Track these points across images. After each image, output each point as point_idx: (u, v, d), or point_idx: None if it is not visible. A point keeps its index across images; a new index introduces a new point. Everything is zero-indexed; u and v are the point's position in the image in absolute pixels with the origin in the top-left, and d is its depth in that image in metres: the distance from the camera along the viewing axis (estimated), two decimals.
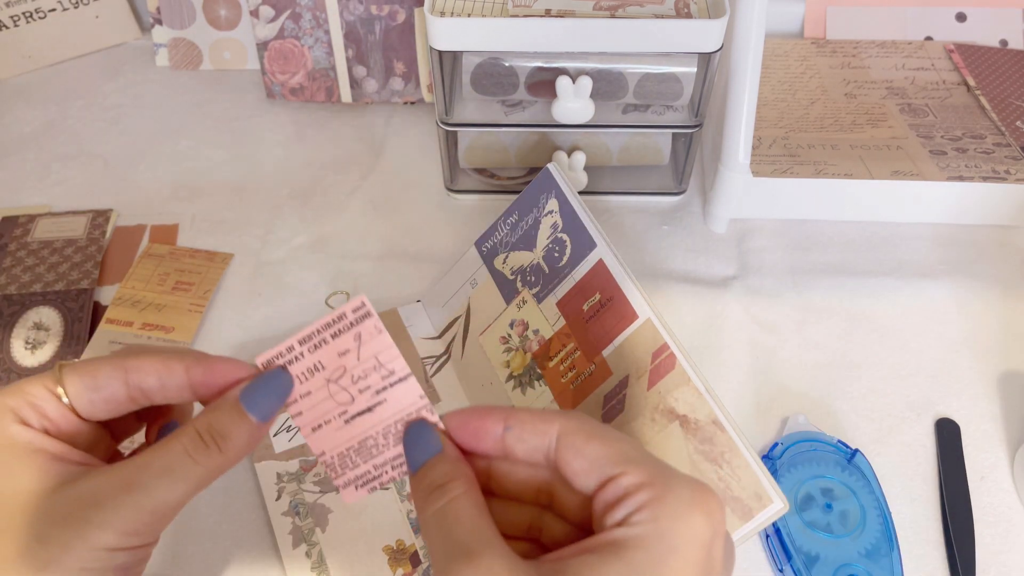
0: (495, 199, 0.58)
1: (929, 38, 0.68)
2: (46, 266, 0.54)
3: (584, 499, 0.27)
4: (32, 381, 0.30)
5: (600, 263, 0.43)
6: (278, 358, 0.30)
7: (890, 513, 0.41)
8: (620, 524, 0.25)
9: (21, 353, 0.49)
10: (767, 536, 0.41)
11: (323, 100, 0.65)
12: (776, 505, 0.35)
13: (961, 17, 0.68)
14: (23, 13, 0.68)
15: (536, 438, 0.27)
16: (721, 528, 0.26)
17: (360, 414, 0.31)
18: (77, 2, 0.69)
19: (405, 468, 0.30)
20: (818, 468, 0.43)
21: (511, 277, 0.45)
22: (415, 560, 0.40)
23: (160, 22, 0.68)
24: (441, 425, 0.29)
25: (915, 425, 0.46)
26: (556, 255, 0.44)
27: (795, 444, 0.43)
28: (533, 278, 0.44)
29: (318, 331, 0.30)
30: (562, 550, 0.26)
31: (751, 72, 0.48)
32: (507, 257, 0.46)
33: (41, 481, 0.28)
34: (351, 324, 0.31)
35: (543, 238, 0.45)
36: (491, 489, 0.29)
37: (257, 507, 0.43)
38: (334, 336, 0.31)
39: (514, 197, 0.57)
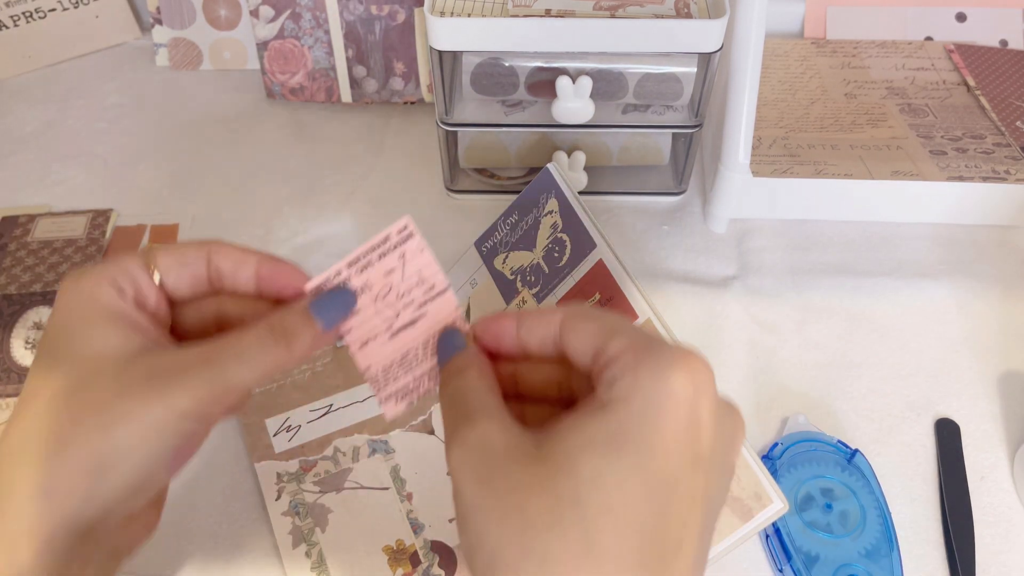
0: (495, 199, 0.58)
1: (929, 38, 0.68)
2: (46, 266, 0.54)
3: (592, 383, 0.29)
4: (129, 257, 0.33)
5: (600, 263, 0.43)
6: (327, 283, 0.32)
7: (890, 513, 0.41)
8: (606, 388, 0.27)
9: (21, 353, 0.49)
10: (767, 536, 0.41)
11: (323, 100, 0.65)
12: (776, 505, 0.36)
13: (961, 17, 0.68)
14: (23, 13, 0.68)
15: (543, 328, 0.30)
16: (706, 389, 0.27)
17: (404, 328, 0.33)
18: (77, 2, 0.69)
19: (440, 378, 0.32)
20: (818, 468, 0.43)
21: (511, 277, 0.45)
22: (415, 560, 0.40)
23: (160, 22, 0.68)
24: (467, 328, 0.32)
25: (915, 425, 0.46)
26: (556, 255, 0.44)
27: (795, 444, 0.43)
28: (533, 278, 0.44)
29: (365, 253, 0.32)
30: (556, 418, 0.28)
31: (751, 72, 0.48)
32: (507, 257, 0.46)
33: (126, 346, 0.31)
34: (396, 245, 0.33)
35: (543, 238, 0.45)
36: (520, 394, 0.31)
37: (257, 507, 0.43)
38: (380, 257, 0.33)
39: (514, 197, 0.57)
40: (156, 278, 0.33)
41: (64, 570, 0.29)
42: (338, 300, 0.33)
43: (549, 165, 0.45)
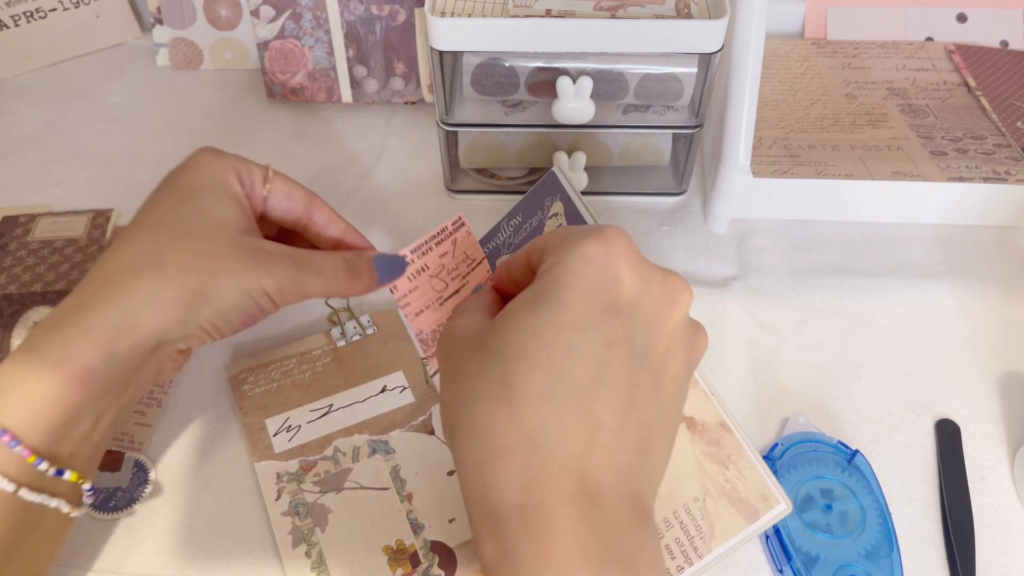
0: (495, 199, 0.58)
1: (930, 39, 0.68)
2: (46, 266, 0.54)
3: None
4: (254, 163, 0.41)
5: None
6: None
7: (890, 514, 0.41)
8: (540, 272, 0.31)
9: None
10: (767, 537, 0.41)
11: (323, 100, 0.65)
12: (781, 506, 0.36)
13: (962, 18, 0.68)
14: (24, 13, 0.68)
15: (520, 259, 0.34)
16: (620, 250, 0.30)
17: (450, 296, 0.41)
18: (78, 2, 0.69)
19: None
20: (818, 469, 0.43)
21: None
22: (415, 560, 0.40)
23: (161, 22, 0.68)
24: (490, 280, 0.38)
25: (915, 426, 0.46)
26: None
27: (795, 445, 0.43)
28: None
29: (425, 242, 0.40)
30: None
31: (751, 72, 0.48)
32: None
33: (239, 223, 0.38)
34: (450, 233, 0.41)
35: None
36: None
37: (257, 507, 0.43)
38: (437, 243, 0.41)
39: (514, 197, 0.57)
40: (266, 190, 0.41)
41: (129, 372, 0.35)
42: (395, 263, 0.40)
43: (554, 168, 0.45)
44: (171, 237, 0.37)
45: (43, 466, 0.33)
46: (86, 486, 0.36)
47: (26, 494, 0.33)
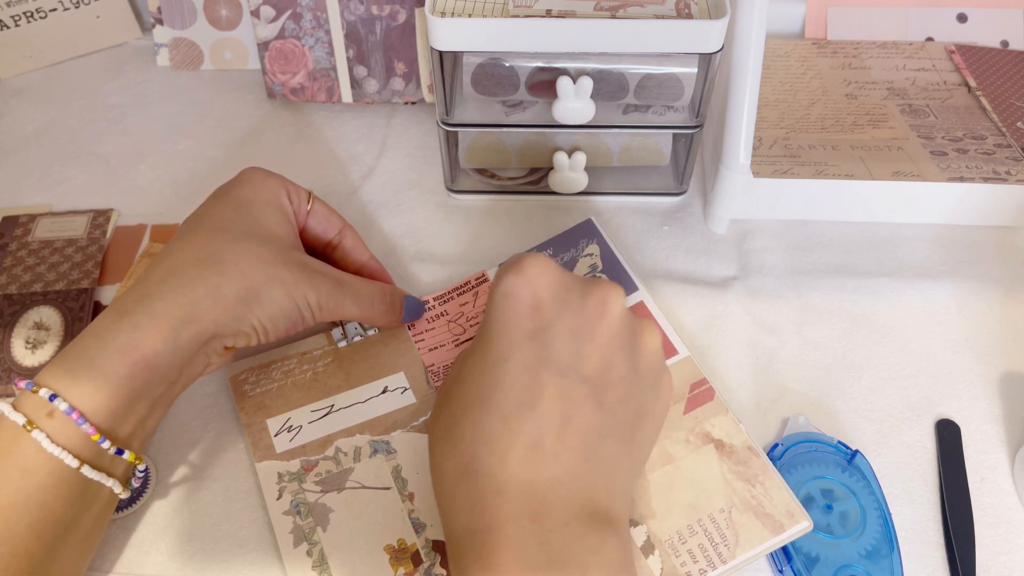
0: (496, 199, 0.58)
1: (930, 39, 0.68)
2: (47, 266, 0.54)
3: None
4: (299, 186, 0.46)
5: (641, 303, 0.47)
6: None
7: (890, 514, 0.41)
8: None
9: (22, 353, 0.49)
10: None
11: (324, 100, 0.65)
12: (805, 523, 0.39)
13: (962, 18, 0.68)
14: (24, 13, 0.68)
15: None
16: (536, 277, 0.34)
17: (466, 341, 0.46)
18: (78, 2, 0.69)
19: None
20: (818, 469, 0.43)
21: None
22: (416, 559, 0.40)
23: (161, 22, 0.68)
24: None
25: (915, 426, 0.46)
26: None
27: (795, 445, 0.44)
28: None
29: (448, 292, 0.45)
30: None
31: (752, 73, 0.48)
32: None
33: (288, 236, 0.43)
34: (472, 287, 0.47)
35: (580, 273, 0.46)
36: None
37: (258, 507, 0.43)
38: (459, 294, 0.47)
39: (514, 197, 0.57)
40: (308, 207, 0.46)
41: (185, 361, 0.38)
42: (418, 308, 0.47)
43: (591, 217, 0.48)
44: (231, 240, 0.39)
45: (106, 444, 0.35)
46: (140, 467, 0.38)
47: (88, 471, 0.35)
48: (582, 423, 0.32)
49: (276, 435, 0.45)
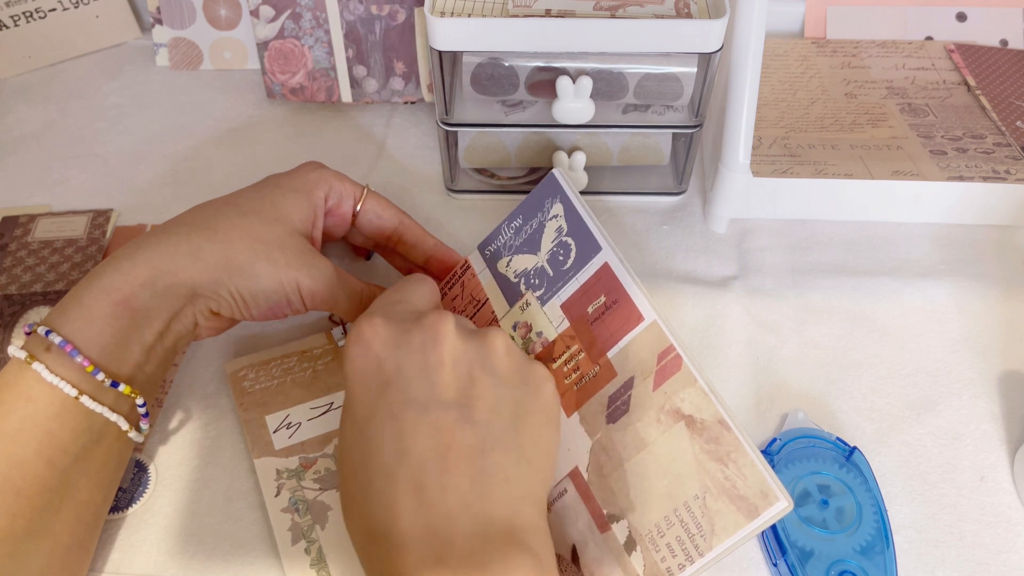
0: (495, 199, 0.58)
1: (929, 38, 0.68)
2: (46, 266, 0.54)
3: None
4: (353, 183, 0.47)
5: (605, 266, 0.42)
6: None
7: (886, 511, 0.41)
8: None
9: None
10: (762, 531, 0.41)
11: (323, 100, 0.65)
12: (781, 504, 0.35)
13: (961, 17, 0.68)
14: (23, 13, 0.68)
15: None
16: (371, 338, 0.35)
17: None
18: (77, 2, 0.69)
19: None
20: (815, 464, 0.43)
21: (515, 280, 0.45)
22: None
23: (160, 22, 0.68)
24: None
25: (915, 425, 0.46)
26: (560, 258, 0.44)
27: (793, 440, 0.44)
28: (537, 281, 0.44)
29: (440, 288, 0.43)
30: None
31: (751, 72, 0.48)
32: (511, 260, 0.46)
33: (299, 225, 0.44)
34: (458, 276, 0.45)
35: (547, 241, 0.45)
36: None
37: (256, 504, 0.43)
38: (448, 288, 0.46)
39: (514, 197, 0.57)
40: (357, 208, 0.47)
41: (169, 310, 0.39)
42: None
43: (554, 170, 0.45)
44: (235, 213, 0.42)
45: (100, 376, 0.37)
46: (139, 401, 0.39)
47: (87, 402, 0.36)
48: (460, 448, 0.32)
49: (275, 432, 0.45)
